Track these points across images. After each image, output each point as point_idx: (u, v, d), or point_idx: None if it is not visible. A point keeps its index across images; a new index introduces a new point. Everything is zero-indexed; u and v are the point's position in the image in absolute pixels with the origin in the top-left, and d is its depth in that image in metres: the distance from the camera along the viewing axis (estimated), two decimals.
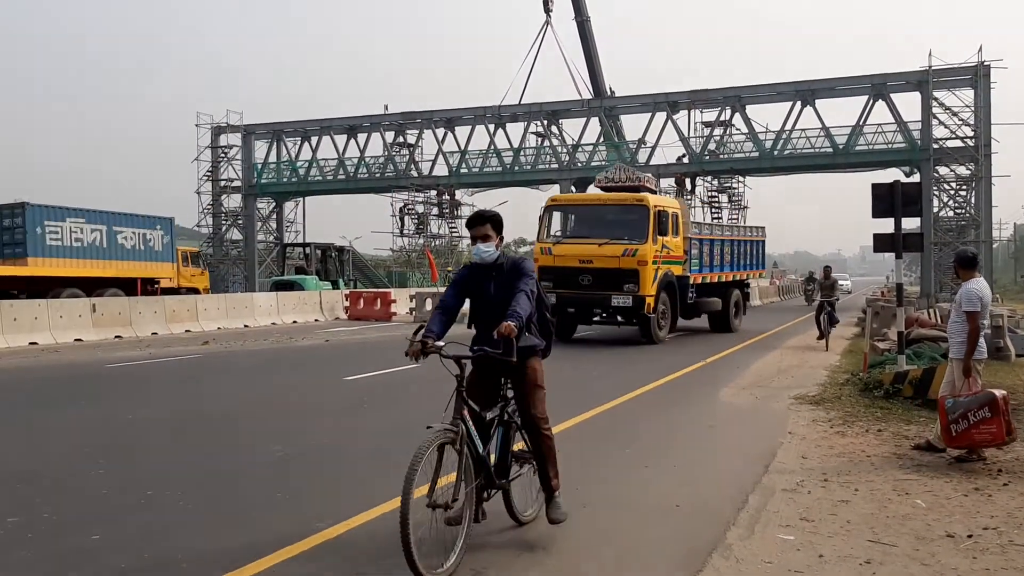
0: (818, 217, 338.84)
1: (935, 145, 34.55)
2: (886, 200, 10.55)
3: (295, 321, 24.69)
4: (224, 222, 46.11)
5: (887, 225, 10.72)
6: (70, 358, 14.90)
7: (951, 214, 35.74)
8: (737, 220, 40.69)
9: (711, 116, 38.87)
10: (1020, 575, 4.28)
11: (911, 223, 20.32)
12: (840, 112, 45.61)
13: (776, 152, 37.35)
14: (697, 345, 17.58)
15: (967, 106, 34.34)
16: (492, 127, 41.65)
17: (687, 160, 38.50)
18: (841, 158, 36.56)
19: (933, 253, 34.00)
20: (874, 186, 10.77)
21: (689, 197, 39.08)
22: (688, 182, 38.82)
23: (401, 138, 43.93)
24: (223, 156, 46.07)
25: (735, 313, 21.37)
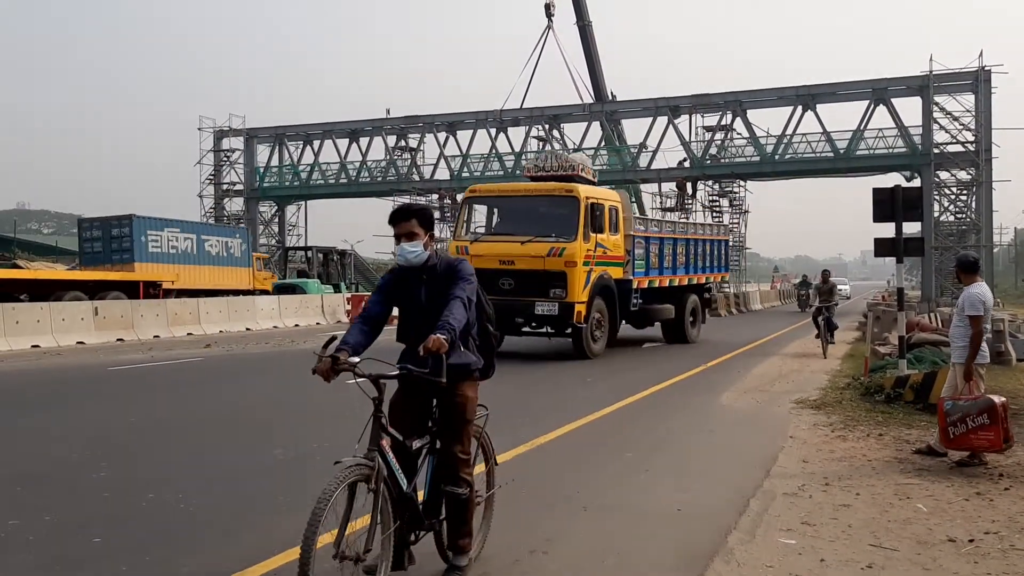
0: (819, 221, 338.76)
1: (936, 150, 34.58)
2: (887, 205, 10.56)
3: (297, 324, 24.70)
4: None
5: (888, 229, 10.75)
6: (72, 361, 14.91)
7: (952, 219, 35.76)
8: (738, 224, 40.73)
9: (712, 120, 38.95)
10: None
11: (912, 227, 20.40)
12: (841, 116, 45.80)
13: (777, 156, 37.38)
14: (696, 351, 17.57)
15: (968, 111, 34.40)
16: (494, 131, 41.71)
17: (688, 164, 38.56)
18: (842, 162, 36.60)
19: (934, 257, 34.01)
20: (875, 191, 10.78)
21: (690, 201, 39.18)
22: (689, 186, 38.89)
23: (403, 142, 44.04)
24: (225, 160, 46.20)
25: (692, 322, 19.19)
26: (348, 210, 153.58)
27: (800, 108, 36.58)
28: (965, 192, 35.17)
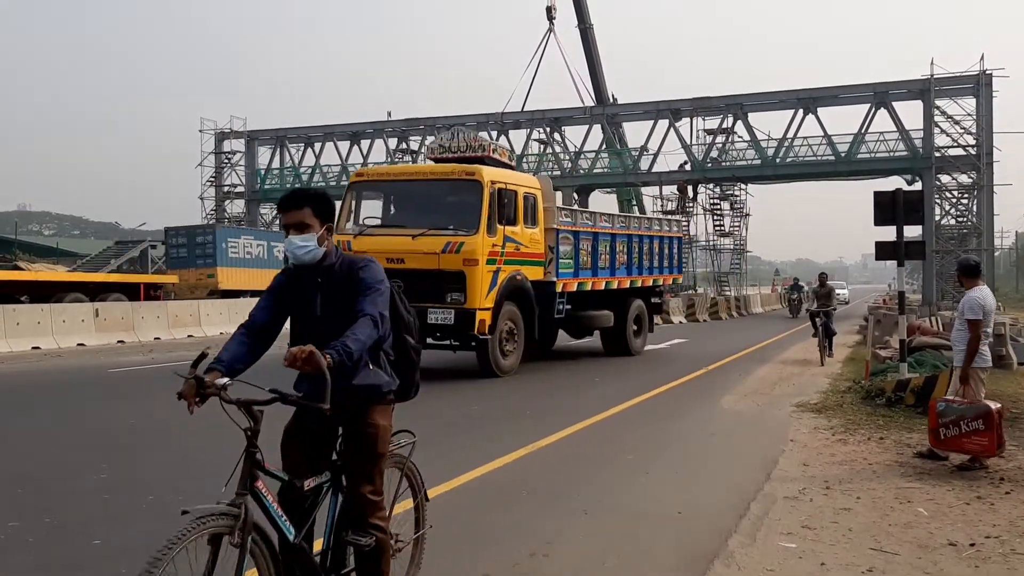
0: (820, 224, 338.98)
1: (937, 153, 34.58)
2: (888, 208, 10.56)
3: None
4: None
5: (889, 233, 10.74)
6: (72, 362, 14.91)
7: (953, 222, 35.76)
8: (739, 227, 40.75)
9: (713, 124, 38.92)
10: None
11: (913, 231, 20.44)
12: (842, 120, 45.94)
13: (778, 160, 37.36)
14: (695, 354, 17.56)
15: (969, 114, 34.42)
16: (495, 134, 41.70)
17: (689, 167, 38.54)
18: (843, 166, 36.59)
19: (935, 261, 33.99)
20: (876, 194, 10.78)
21: (691, 204, 39.21)
22: (690, 189, 38.94)
23: (404, 144, 44.05)
24: (227, 162, 46.24)
25: (636, 331, 16.67)
26: None
27: (801, 111, 36.58)
28: (966, 196, 35.18)
